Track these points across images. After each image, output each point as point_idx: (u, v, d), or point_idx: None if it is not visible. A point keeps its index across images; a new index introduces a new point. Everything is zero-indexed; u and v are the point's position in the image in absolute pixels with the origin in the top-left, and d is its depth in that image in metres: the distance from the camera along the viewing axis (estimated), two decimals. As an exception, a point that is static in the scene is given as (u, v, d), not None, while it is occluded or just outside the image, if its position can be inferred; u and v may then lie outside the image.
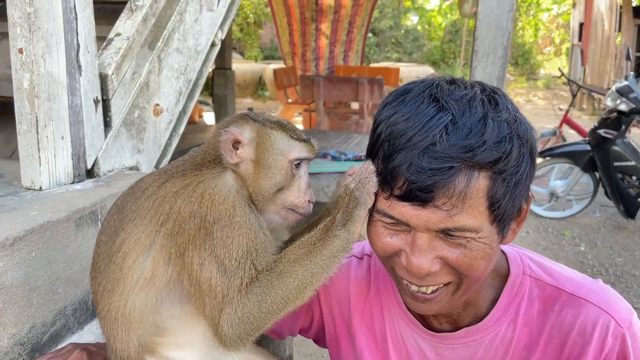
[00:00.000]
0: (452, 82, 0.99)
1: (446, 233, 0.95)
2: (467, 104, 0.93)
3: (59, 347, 1.38)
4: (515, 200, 0.97)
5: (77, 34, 1.71)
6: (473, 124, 0.91)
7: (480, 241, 0.96)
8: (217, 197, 1.09)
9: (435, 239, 0.96)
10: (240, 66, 14.68)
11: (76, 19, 1.70)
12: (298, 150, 1.19)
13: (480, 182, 0.91)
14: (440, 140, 0.90)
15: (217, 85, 8.62)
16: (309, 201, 1.20)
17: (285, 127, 1.20)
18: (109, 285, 1.14)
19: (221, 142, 1.16)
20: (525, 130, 0.96)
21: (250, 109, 8.72)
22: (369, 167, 1.00)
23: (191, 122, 8.99)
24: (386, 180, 0.96)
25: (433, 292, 1.02)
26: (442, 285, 1.02)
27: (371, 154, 1.02)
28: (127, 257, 1.11)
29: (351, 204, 1.03)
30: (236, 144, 1.16)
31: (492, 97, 0.96)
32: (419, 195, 0.91)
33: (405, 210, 0.94)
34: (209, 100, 11.76)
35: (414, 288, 1.03)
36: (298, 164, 1.19)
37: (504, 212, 0.96)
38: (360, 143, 5.97)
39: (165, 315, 1.14)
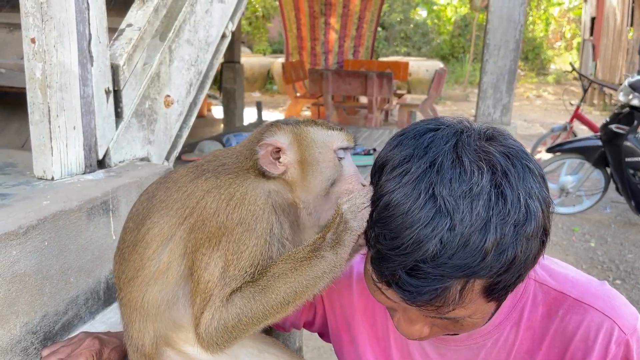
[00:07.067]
0: (458, 158, 0.85)
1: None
2: (470, 204, 0.81)
3: (71, 335, 1.39)
4: (517, 282, 0.89)
5: (89, 24, 1.71)
6: (473, 233, 0.80)
7: (474, 318, 0.93)
8: (247, 198, 1.06)
9: None
10: (249, 60, 14.69)
11: (88, 8, 1.70)
12: (339, 139, 1.15)
13: (475, 286, 0.85)
14: (433, 255, 0.81)
15: (226, 79, 8.62)
16: (362, 185, 1.15)
17: (317, 122, 1.17)
18: (130, 274, 1.13)
19: (260, 158, 1.12)
20: (536, 220, 0.84)
21: (259, 103, 8.68)
22: (368, 193, 0.95)
23: (200, 115, 9.00)
24: (373, 261, 0.90)
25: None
26: None
27: (372, 180, 0.97)
28: (148, 247, 1.11)
29: (341, 226, 0.99)
30: (275, 153, 1.12)
31: (502, 190, 0.83)
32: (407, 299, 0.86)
33: (393, 297, 0.90)
34: (218, 94, 11.77)
35: None
36: (341, 154, 1.16)
37: (503, 294, 0.90)
38: (368, 137, 5.95)
39: (183, 313, 1.13)
